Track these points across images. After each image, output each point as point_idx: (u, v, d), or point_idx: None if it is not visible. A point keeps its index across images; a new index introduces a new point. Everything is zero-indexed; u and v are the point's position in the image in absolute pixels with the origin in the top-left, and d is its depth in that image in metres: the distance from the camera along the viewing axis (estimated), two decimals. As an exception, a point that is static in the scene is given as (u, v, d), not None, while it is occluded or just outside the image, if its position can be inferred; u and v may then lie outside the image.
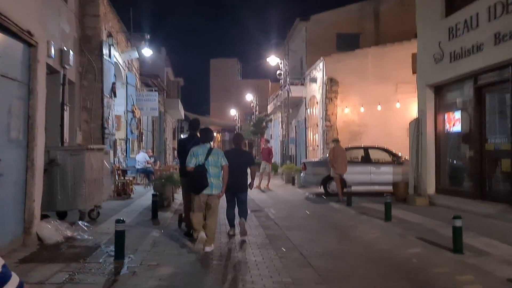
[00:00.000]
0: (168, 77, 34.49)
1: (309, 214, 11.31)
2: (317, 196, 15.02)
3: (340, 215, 10.97)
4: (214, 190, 6.82)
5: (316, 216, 10.95)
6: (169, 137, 35.16)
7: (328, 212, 11.63)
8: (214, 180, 6.79)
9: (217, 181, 6.86)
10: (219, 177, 6.89)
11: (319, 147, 22.87)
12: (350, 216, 10.78)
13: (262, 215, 11.19)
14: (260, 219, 10.62)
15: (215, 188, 6.82)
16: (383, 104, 21.30)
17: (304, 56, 27.12)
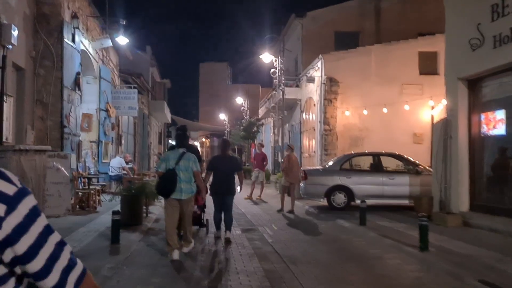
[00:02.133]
0: (154, 78, 31.91)
1: (316, 236, 8.82)
2: (319, 210, 12.55)
3: (356, 239, 8.49)
4: (184, 195, 6.64)
5: (326, 240, 8.47)
6: (154, 142, 32.50)
7: (340, 233, 9.15)
8: (184, 185, 6.60)
9: (188, 186, 6.67)
10: (191, 182, 6.70)
11: (316, 154, 20.43)
12: (370, 241, 8.31)
13: (256, 237, 8.68)
14: (254, 243, 8.11)
15: (184, 192, 6.64)
16: (387, 107, 18.95)
17: (300, 56, 24.74)
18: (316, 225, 10.14)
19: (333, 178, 12.23)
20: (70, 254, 1.12)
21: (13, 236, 1.02)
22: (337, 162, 12.55)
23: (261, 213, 12.15)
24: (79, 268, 1.13)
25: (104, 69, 15.77)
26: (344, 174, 12.25)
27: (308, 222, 10.76)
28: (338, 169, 12.35)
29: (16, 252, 1.03)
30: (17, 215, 1.03)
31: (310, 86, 21.53)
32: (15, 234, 1.02)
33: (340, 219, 10.83)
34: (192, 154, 6.85)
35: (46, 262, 1.06)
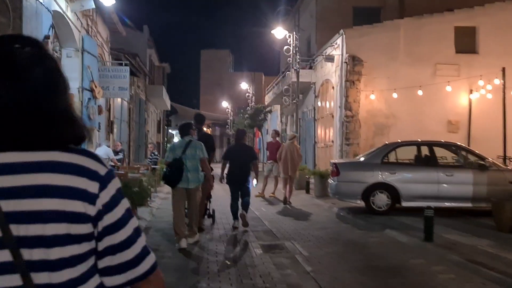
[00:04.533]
0: (152, 61, 29.02)
1: (372, 260, 6.04)
2: (352, 214, 9.79)
3: (435, 267, 5.69)
4: (190, 184, 6.48)
5: (390, 269, 5.69)
6: (152, 130, 29.68)
7: (403, 254, 6.33)
8: (191, 174, 6.46)
9: (195, 175, 6.54)
10: (197, 171, 6.57)
11: (334, 144, 17.63)
12: (456, 269, 5.52)
13: (286, 261, 5.91)
14: (286, 273, 5.35)
15: (191, 182, 6.48)
16: (417, 90, 16.13)
17: (313, 35, 21.87)
18: (363, 240, 7.35)
19: (373, 174, 9.46)
20: (144, 243, 1.13)
21: (101, 213, 1.06)
22: (378, 153, 9.77)
23: (281, 219, 9.38)
24: (152, 258, 1.14)
25: (88, 40, 12.92)
26: (387, 169, 9.48)
27: (347, 233, 7.98)
28: (379, 162, 9.57)
29: (104, 225, 1.07)
30: (107, 193, 1.07)
31: (327, 67, 18.67)
32: (103, 212, 1.06)
33: (390, 229, 8.06)
34: (199, 142, 6.70)
35: (128, 236, 1.09)
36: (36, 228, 0.99)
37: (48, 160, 1.03)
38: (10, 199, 0.99)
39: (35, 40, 1.10)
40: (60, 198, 1.01)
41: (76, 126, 1.10)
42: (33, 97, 1.04)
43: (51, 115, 1.05)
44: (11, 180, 1.00)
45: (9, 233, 0.97)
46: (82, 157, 1.07)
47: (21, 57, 1.05)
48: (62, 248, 1.00)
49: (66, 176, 1.02)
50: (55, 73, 1.10)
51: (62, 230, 1.00)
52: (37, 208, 0.99)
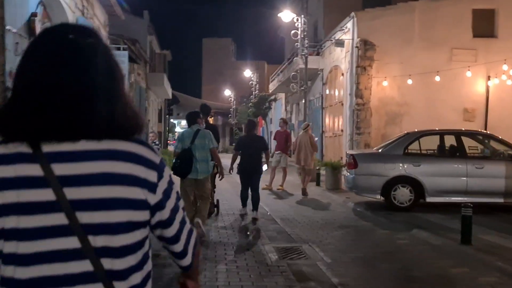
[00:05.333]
0: (152, 48, 27.98)
1: (410, 268, 5.15)
2: (371, 210, 8.92)
3: (482, 280, 4.83)
4: (200, 175, 6.27)
5: (429, 281, 4.81)
6: (153, 119, 28.75)
7: (446, 263, 5.42)
8: (200, 165, 6.24)
9: (204, 165, 6.33)
10: (207, 161, 6.39)
11: (344, 133, 16.73)
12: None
13: (306, 268, 5.03)
14: (310, 286, 4.49)
15: (201, 172, 6.27)
16: (432, 77, 15.17)
17: (321, 19, 20.86)
18: (390, 242, 6.46)
19: (395, 166, 8.56)
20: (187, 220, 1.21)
21: (162, 201, 1.11)
22: (399, 143, 8.85)
23: (294, 215, 8.50)
24: (195, 234, 1.24)
25: (83, 22, 11.93)
26: (410, 161, 8.57)
27: (370, 233, 7.10)
28: (401, 153, 8.66)
29: (162, 217, 1.12)
30: (164, 182, 1.12)
31: (335, 53, 17.69)
32: (164, 200, 1.11)
33: (417, 228, 7.18)
34: (207, 131, 6.49)
35: (179, 227, 1.18)
36: (101, 216, 1.01)
37: (109, 148, 1.05)
38: (75, 187, 1.01)
39: (94, 31, 1.14)
40: (122, 186, 1.03)
41: (132, 116, 1.11)
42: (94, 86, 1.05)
43: (111, 104, 1.07)
44: (75, 167, 1.01)
45: (75, 220, 1.00)
46: (140, 146, 1.10)
47: (83, 46, 1.06)
48: (124, 235, 1.04)
49: (128, 164, 1.05)
50: (114, 64, 1.12)
51: (125, 217, 1.04)
52: (101, 195, 1.02)
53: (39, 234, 0.99)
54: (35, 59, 1.05)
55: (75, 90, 1.02)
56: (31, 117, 1.01)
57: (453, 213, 8.23)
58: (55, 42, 1.06)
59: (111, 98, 1.07)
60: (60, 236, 1.00)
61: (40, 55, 1.05)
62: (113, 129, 1.06)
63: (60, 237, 1.00)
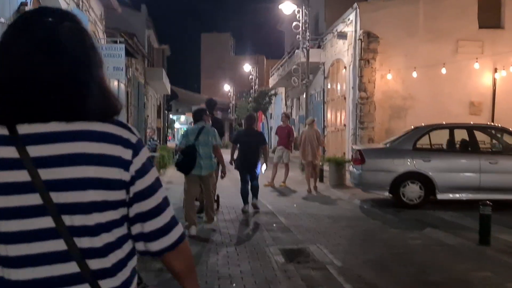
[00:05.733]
0: (151, 42, 27.48)
1: (428, 272, 4.74)
2: (379, 207, 8.52)
3: (509, 286, 4.44)
4: (203, 171, 6.30)
5: (450, 286, 4.42)
6: (152, 115, 28.31)
7: (466, 266, 5.01)
8: (204, 161, 6.27)
9: (208, 162, 6.36)
10: (211, 157, 6.41)
11: (347, 128, 16.31)
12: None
13: (318, 278, 4.62)
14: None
15: (204, 168, 6.30)
16: (437, 69, 14.75)
17: (322, 11, 20.39)
18: (402, 242, 6.06)
19: (404, 162, 8.15)
20: (173, 213, 1.16)
21: (134, 178, 1.09)
22: (408, 138, 8.43)
23: (298, 213, 8.10)
24: (181, 228, 1.17)
25: (77, 14, 11.46)
26: (421, 156, 8.16)
27: (380, 232, 6.69)
28: (411, 148, 8.25)
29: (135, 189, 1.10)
30: (139, 161, 1.10)
31: (338, 45, 17.24)
32: (135, 177, 1.09)
33: (430, 227, 6.78)
34: (212, 128, 6.58)
35: (160, 202, 1.14)
36: (75, 195, 1.02)
37: (83, 129, 1.06)
38: (49, 168, 1.02)
39: (72, 14, 1.14)
40: (96, 166, 1.04)
41: (110, 99, 1.13)
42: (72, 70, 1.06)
43: (86, 87, 1.08)
44: (49, 149, 1.03)
45: (50, 200, 1.01)
46: (115, 126, 1.10)
47: (61, 31, 1.07)
48: (100, 214, 1.04)
49: (101, 144, 1.05)
50: (91, 48, 1.12)
51: (100, 197, 1.04)
52: (75, 175, 1.02)
53: (15, 214, 1.00)
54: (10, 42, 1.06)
55: (48, 72, 1.03)
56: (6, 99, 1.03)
57: (465, 211, 7.86)
58: (30, 25, 1.07)
59: (85, 81, 1.07)
60: (35, 216, 1.01)
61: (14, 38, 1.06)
62: (87, 111, 1.06)
63: (35, 217, 1.01)
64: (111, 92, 1.14)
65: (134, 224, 1.11)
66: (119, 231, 1.08)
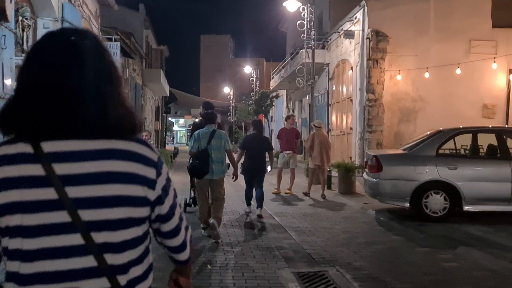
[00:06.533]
0: (149, 43, 26.64)
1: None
2: (398, 219, 7.66)
3: None
4: (215, 176, 6.23)
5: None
6: (150, 117, 27.43)
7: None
8: (216, 166, 6.21)
9: (220, 166, 6.29)
10: (223, 162, 6.35)
11: (353, 131, 15.47)
12: None
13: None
14: None
15: (216, 173, 6.23)
16: (449, 70, 13.94)
17: (326, 10, 19.57)
18: (435, 265, 5.18)
19: (427, 170, 7.27)
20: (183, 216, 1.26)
21: (161, 197, 1.15)
22: (431, 142, 7.55)
23: (308, 226, 7.21)
24: (190, 231, 1.31)
25: (69, 9, 10.65)
26: (445, 163, 7.28)
27: (406, 252, 5.81)
28: (434, 154, 7.38)
29: (161, 211, 1.17)
30: (163, 178, 1.16)
31: (343, 46, 16.43)
32: (162, 196, 1.15)
33: (462, 245, 5.92)
34: (223, 132, 6.56)
35: (178, 222, 1.22)
36: (102, 213, 1.04)
37: (108, 148, 1.07)
38: (76, 186, 1.03)
39: (93, 34, 1.19)
40: (122, 184, 1.06)
41: (132, 117, 1.14)
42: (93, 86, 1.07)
43: (109, 104, 1.09)
44: (76, 167, 1.04)
45: (78, 217, 1.03)
46: (138, 145, 1.12)
47: (82, 48, 1.10)
48: (125, 231, 1.07)
49: (127, 163, 1.08)
50: (111, 66, 1.16)
51: (125, 214, 1.07)
52: (102, 194, 1.05)
53: (43, 231, 1.01)
54: (36, 61, 1.08)
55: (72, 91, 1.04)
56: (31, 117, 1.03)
57: (495, 225, 7.02)
58: (54, 44, 1.09)
59: (108, 98, 1.09)
60: (63, 233, 1.02)
61: (40, 57, 1.08)
62: (111, 129, 1.07)
63: (64, 234, 1.02)
64: (133, 109, 1.15)
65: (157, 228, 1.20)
66: (143, 247, 1.11)
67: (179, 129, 62.45)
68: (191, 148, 6.42)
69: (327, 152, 10.30)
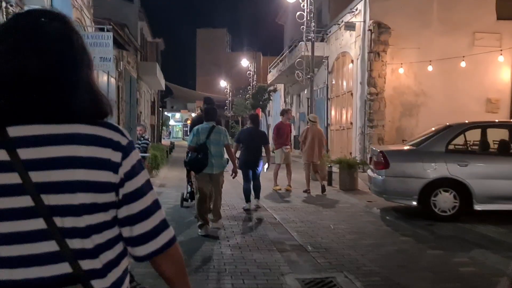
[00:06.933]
0: (144, 35, 26.07)
1: None
2: (404, 219, 7.27)
3: None
4: (215, 170, 6.24)
5: None
6: (146, 111, 26.93)
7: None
8: (215, 160, 6.22)
9: (219, 161, 6.31)
10: (222, 156, 6.37)
11: (354, 126, 15.06)
12: None
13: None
14: None
15: (216, 167, 6.24)
16: (452, 63, 13.54)
17: (326, 2, 19.12)
18: (450, 268, 4.77)
19: (436, 166, 6.88)
20: (164, 217, 1.13)
21: (123, 181, 1.07)
22: (440, 138, 7.14)
23: (312, 227, 6.81)
24: (170, 233, 1.13)
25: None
26: (455, 159, 6.89)
27: (418, 254, 5.41)
28: (443, 150, 6.99)
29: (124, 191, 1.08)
30: (129, 162, 1.08)
31: (343, 38, 15.99)
32: (124, 180, 1.07)
33: (477, 247, 5.53)
34: (222, 128, 6.62)
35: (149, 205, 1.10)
36: (66, 198, 1.02)
37: (72, 132, 1.05)
38: (39, 171, 1.01)
39: (62, 15, 1.12)
40: (86, 169, 1.03)
41: (99, 101, 1.10)
42: (58, 70, 1.05)
43: (75, 88, 1.06)
44: (39, 152, 1.02)
45: (41, 202, 1.01)
46: (105, 129, 1.08)
47: (48, 30, 1.07)
48: (90, 216, 1.03)
49: (91, 148, 1.04)
50: (80, 49, 1.11)
51: (89, 199, 1.03)
52: (65, 178, 1.02)
53: (6, 216, 1.00)
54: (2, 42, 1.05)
55: (34, 71, 1.02)
56: None
57: (508, 225, 6.64)
58: (19, 26, 1.06)
59: (73, 82, 1.06)
60: (26, 218, 1.00)
61: (4, 39, 1.05)
62: (76, 113, 1.05)
63: (27, 219, 1.00)
64: (101, 94, 1.12)
65: (124, 227, 1.09)
66: (110, 233, 1.07)
67: (175, 123, 61.94)
68: (190, 143, 6.41)
69: (319, 147, 10.12)
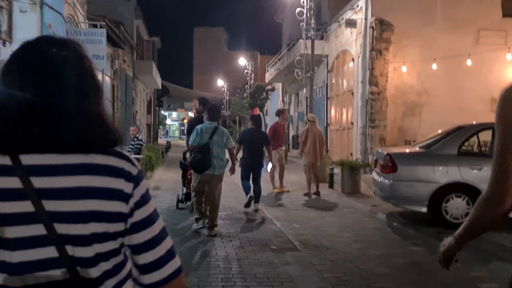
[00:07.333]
0: (140, 33, 25.57)
1: None
2: (412, 226, 6.83)
3: None
4: (216, 171, 6.20)
5: None
6: (142, 111, 26.43)
7: None
8: (216, 161, 6.17)
9: (220, 162, 6.27)
10: (222, 158, 6.34)
11: (354, 126, 14.63)
12: None
13: None
14: None
15: (217, 168, 6.20)
16: (456, 62, 13.13)
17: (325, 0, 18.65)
18: (471, 285, 4.38)
19: (448, 170, 6.44)
20: (170, 246, 1.12)
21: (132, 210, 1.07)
22: (452, 139, 6.70)
23: (315, 234, 6.35)
24: (176, 263, 1.12)
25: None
26: (468, 163, 6.44)
27: (433, 269, 4.98)
28: (455, 153, 6.55)
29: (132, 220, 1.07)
30: (139, 192, 1.08)
31: (344, 36, 15.54)
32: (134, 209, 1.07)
33: (495, 259, 5.10)
34: (225, 129, 6.63)
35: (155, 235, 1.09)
36: (78, 228, 1.01)
37: (85, 162, 1.04)
38: (52, 200, 1.01)
39: (72, 42, 1.11)
40: (99, 199, 1.03)
41: (109, 129, 1.10)
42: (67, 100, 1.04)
43: (85, 118, 1.06)
44: (53, 181, 1.02)
45: (54, 231, 1.01)
46: (117, 159, 1.08)
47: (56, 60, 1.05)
48: (99, 245, 1.03)
49: (104, 178, 1.04)
50: (88, 77, 1.09)
51: (101, 229, 1.03)
52: (77, 209, 1.02)
53: (20, 244, 1.00)
54: (11, 72, 1.05)
55: (49, 105, 1.02)
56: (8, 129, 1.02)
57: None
58: (29, 55, 1.06)
59: (86, 111, 1.06)
60: (39, 246, 1.00)
61: (15, 68, 1.05)
62: (88, 143, 1.05)
63: (39, 247, 1.00)
64: (110, 123, 1.11)
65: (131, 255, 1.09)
66: (117, 259, 1.07)
67: (172, 122, 61.41)
68: (192, 142, 6.26)
69: (321, 148, 9.82)
